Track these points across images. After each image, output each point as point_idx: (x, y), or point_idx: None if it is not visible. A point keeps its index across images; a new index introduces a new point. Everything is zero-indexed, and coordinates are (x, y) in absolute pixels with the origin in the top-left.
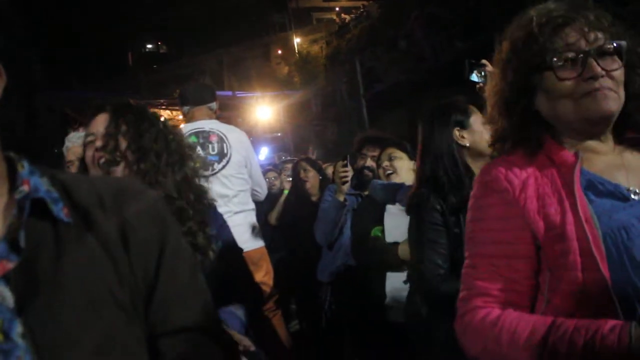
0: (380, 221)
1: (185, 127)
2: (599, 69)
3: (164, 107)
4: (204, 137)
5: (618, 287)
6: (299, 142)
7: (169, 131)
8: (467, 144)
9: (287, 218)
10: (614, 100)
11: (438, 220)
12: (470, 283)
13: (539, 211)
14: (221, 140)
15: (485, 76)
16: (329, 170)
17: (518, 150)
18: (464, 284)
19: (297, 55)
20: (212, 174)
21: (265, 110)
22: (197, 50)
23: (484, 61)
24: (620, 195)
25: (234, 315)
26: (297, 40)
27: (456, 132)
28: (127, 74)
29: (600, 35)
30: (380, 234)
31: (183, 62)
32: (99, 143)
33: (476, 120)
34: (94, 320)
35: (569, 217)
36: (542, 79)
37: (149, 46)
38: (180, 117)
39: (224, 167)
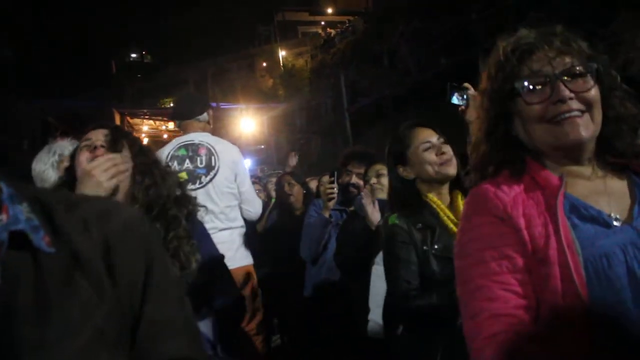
0: (364, 237)
1: (175, 140)
2: (567, 92)
3: (147, 117)
4: (192, 149)
5: (597, 314)
6: (283, 155)
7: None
8: (413, 177)
9: (270, 232)
10: (584, 126)
11: (406, 239)
12: (478, 306)
13: (527, 231)
14: (210, 152)
15: (467, 99)
16: (313, 184)
17: (503, 172)
18: (469, 308)
19: (282, 68)
20: (200, 187)
21: (249, 122)
22: (181, 61)
23: (466, 84)
24: (602, 222)
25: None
26: (282, 53)
27: (400, 170)
28: (111, 83)
29: (567, 59)
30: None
31: (167, 72)
32: (100, 144)
33: (415, 151)
34: (77, 356)
35: (552, 242)
36: (515, 104)
37: (134, 55)
38: (163, 127)
39: (211, 180)
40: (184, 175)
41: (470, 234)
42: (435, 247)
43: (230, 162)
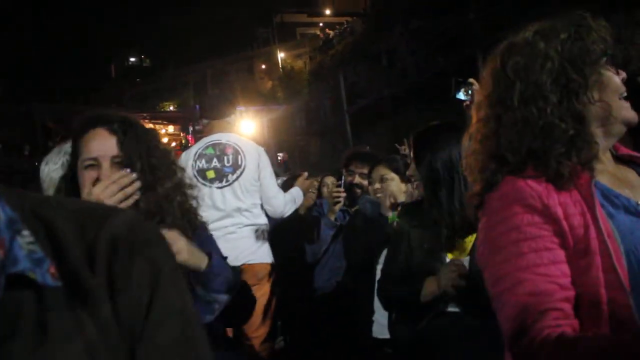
0: (368, 236)
1: (203, 140)
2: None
3: (147, 120)
4: (220, 149)
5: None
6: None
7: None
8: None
9: (273, 233)
10: None
11: (405, 234)
12: (521, 302)
13: (565, 221)
14: (236, 152)
15: (472, 94)
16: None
17: (528, 165)
18: (509, 306)
19: (281, 70)
20: (226, 185)
21: (248, 124)
22: (180, 64)
23: (471, 80)
24: (634, 210)
25: None
26: (281, 55)
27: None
28: (110, 87)
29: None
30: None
31: (166, 75)
32: (106, 165)
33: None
34: None
35: (592, 231)
36: (599, 74)
37: (132, 59)
38: (163, 131)
39: (237, 178)
40: (211, 173)
41: (502, 227)
42: (425, 246)
43: (256, 161)
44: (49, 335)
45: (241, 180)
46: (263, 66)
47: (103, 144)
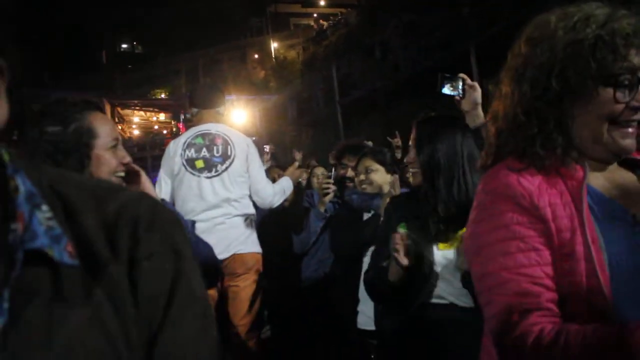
0: (354, 228)
1: (192, 129)
2: None
3: (138, 107)
4: (209, 139)
5: (620, 314)
6: (274, 147)
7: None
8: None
9: (259, 224)
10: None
11: (393, 225)
12: (506, 302)
13: (553, 223)
14: (226, 143)
15: (462, 89)
16: (303, 175)
17: (525, 160)
18: (494, 305)
19: (274, 60)
20: (215, 175)
21: (240, 113)
22: (173, 51)
23: (461, 75)
24: (623, 218)
25: None
26: (274, 45)
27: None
28: (102, 73)
29: None
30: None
31: (158, 63)
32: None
33: None
34: None
35: (578, 236)
36: (594, 93)
37: (124, 46)
38: (154, 118)
39: (226, 168)
40: (200, 163)
41: (490, 224)
42: (412, 235)
43: (245, 152)
44: (65, 316)
45: (230, 171)
46: (256, 56)
47: (114, 127)
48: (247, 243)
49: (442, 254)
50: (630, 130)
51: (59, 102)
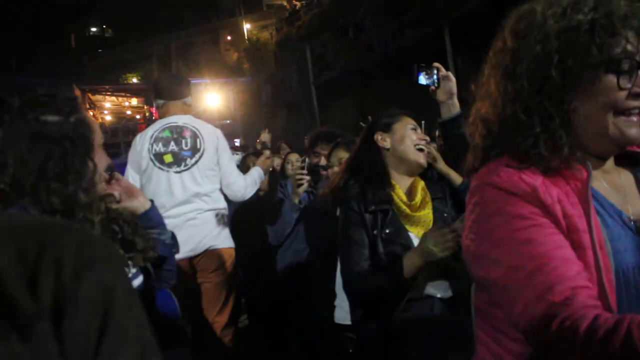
0: (329, 220)
1: (158, 122)
2: None
3: (109, 93)
4: (177, 132)
5: None
6: (249, 129)
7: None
8: (388, 147)
9: (235, 213)
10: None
11: (358, 221)
12: (541, 290)
13: (564, 221)
14: (194, 135)
15: (437, 79)
16: (277, 162)
17: (521, 158)
18: (524, 299)
19: (247, 41)
20: (185, 169)
21: (214, 97)
22: (144, 35)
23: (436, 64)
24: (623, 223)
25: None
26: (246, 27)
27: (378, 135)
28: (71, 58)
29: None
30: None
31: (129, 47)
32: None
33: (401, 126)
34: None
35: (586, 240)
36: (593, 81)
37: (94, 29)
38: (126, 103)
39: (196, 162)
40: (169, 157)
41: (501, 217)
42: (387, 231)
43: (214, 144)
44: None
45: (200, 165)
46: (229, 38)
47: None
48: (220, 238)
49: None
50: (634, 119)
51: (51, 92)
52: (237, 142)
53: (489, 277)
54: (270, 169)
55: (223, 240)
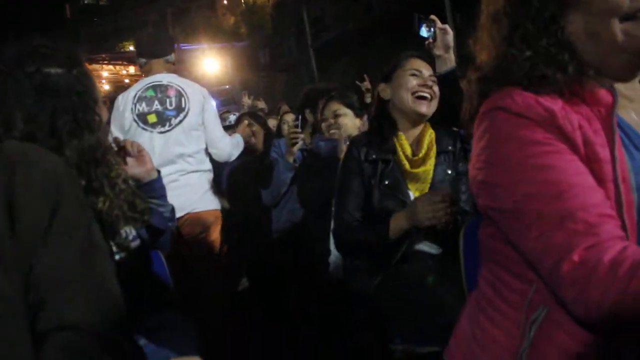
0: (323, 175)
1: (142, 81)
2: None
3: (106, 62)
4: (161, 90)
5: None
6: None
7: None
8: (388, 98)
9: (231, 175)
10: None
11: (356, 169)
12: (569, 212)
13: (585, 149)
14: (179, 94)
15: (434, 32)
16: (273, 123)
17: (534, 84)
18: (547, 222)
19: (243, 5)
20: (169, 129)
21: (212, 62)
22: (139, 2)
23: (432, 17)
24: None
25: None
26: None
27: (380, 87)
28: (66, 28)
29: None
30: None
31: (125, 14)
32: None
33: (401, 73)
34: None
35: (609, 171)
36: None
37: None
38: (124, 72)
39: (180, 122)
40: (153, 117)
41: (515, 142)
42: (386, 182)
43: (200, 103)
44: None
45: (184, 124)
46: (225, 1)
47: None
48: (203, 201)
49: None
50: None
51: (49, 44)
52: (232, 118)
53: (499, 207)
54: (265, 132)
55: (207, 202)
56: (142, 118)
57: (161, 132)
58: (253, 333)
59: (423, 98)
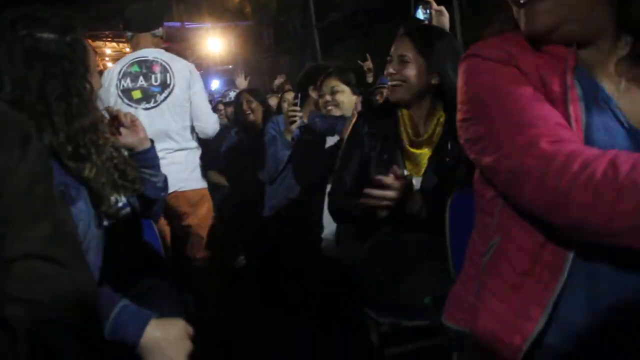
0: (318, 152)
1: (127, 56)
2: None
3: (109, 39)
4: (146, 66)
5: None
6: (251, 74)
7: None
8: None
9: (229, 152)
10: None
11: (357, 142)
12: (528, 122)
13: (544, 87)
14: (164, 70)
15: (429, 14)
16: (273, 101)
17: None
18: (509, 132)
19: None
20: (154, 106)
21: (216, 41)
22: None
23: None
24: (613, 116)
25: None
26: None
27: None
28: (73, 3)
29: None
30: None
31: None
32: None
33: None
34: None
35: (561, 110)
36: None
37: None
38: (128, 49)
39: (165, 98)
40: (137, 93)
41: (482, 80)
42: (385, 157)
43: (186, 79)
44: None
45: (170, 101)
46: None
47: None
48: (190, 179)
49: (413, 180)
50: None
51: (44, 10)
52: (231, 94)
53: (472, 137)
54: (264, 109)
55: (194, 181)
56: (126, 94)
57: (146, 109)
58: (249, 316)
59: (393, 86)
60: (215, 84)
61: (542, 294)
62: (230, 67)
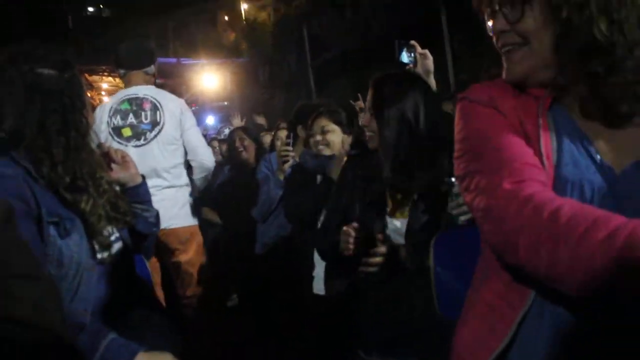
0: (309, 190)
1: (119, 94)
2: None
3: (106, 73)
4: (137, 104)
5: None
6: (246, 111)
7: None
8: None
9: (222, 189)
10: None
11: (346, 184)
12: (503, 159)
13: (522, 126)
14: (155, 107)
15: (414, 57)
16: (267, 139)
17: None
18: (488, 169)
19: (244, 22)
20: (144, 144)
21: (211, 78)
22: (141, 15)
23: (412, 42)
24: (587, 152)
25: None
26: (244, 7)
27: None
28: (68, 39)
29: None
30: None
31: (126, 27)
32: None
33: None
34: None
35: (536, 147)
36: None
37: (91, 9)
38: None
39: (155, 136)
40: (127, 131)
41: (466, 122)
42: (369, 199)
43: (176, 117)
44: None
45: (160, 138)
46: (226, 18)
47: None
48: (180, 216)
49: (398, 222)
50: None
51: (42, 47)
52: (226, 132)
53: (464, 173)
54: (257, 147)
55: (183, 218)
56: (116, 132)
57: (136, 146)
58: (244, 347)
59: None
60: (211, 120)
61: (508, 312)
62: (226, 103)
